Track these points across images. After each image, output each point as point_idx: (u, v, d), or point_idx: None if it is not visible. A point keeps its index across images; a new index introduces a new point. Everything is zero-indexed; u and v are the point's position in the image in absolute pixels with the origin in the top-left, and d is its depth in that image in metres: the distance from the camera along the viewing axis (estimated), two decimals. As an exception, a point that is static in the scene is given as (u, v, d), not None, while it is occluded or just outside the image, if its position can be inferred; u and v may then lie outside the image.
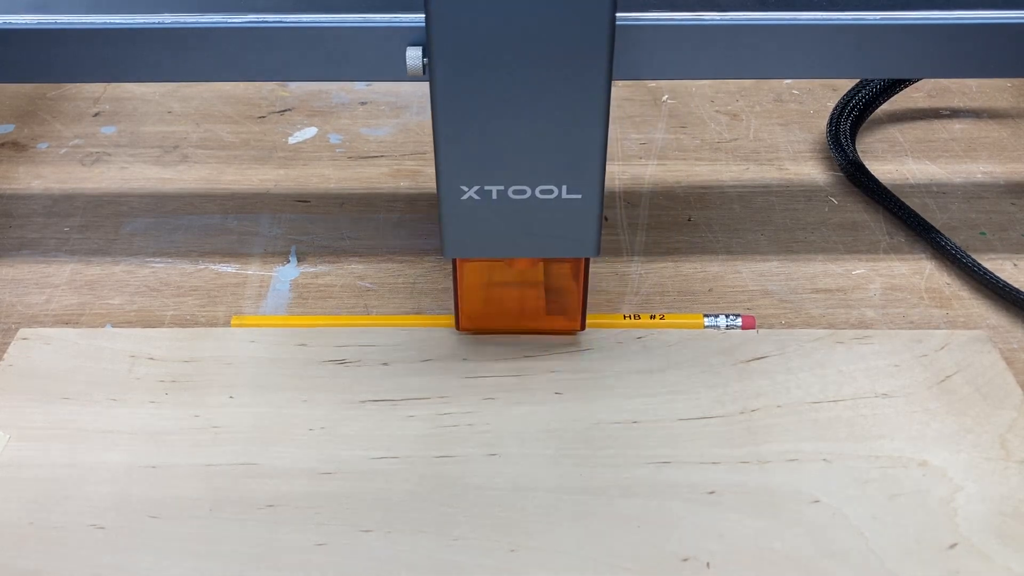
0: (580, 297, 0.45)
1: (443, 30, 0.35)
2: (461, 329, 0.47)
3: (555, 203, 0.40)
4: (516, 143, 0.38)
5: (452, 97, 0.37)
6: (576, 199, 0.40)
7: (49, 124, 0.66)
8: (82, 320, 0.49)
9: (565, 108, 0.37)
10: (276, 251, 0.54)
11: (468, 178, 0.39)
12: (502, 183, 0.39)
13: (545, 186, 0.39)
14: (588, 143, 0.38)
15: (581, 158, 0.39)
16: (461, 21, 0.35)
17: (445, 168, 0.39)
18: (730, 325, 0.47)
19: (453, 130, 0.38)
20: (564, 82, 0.36)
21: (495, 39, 0.35)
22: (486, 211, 0.40)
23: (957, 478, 0.40)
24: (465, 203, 0.40)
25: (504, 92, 0.37)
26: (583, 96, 0.37)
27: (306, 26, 0.42)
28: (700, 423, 0.43)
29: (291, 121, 0.66)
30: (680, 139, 0.64)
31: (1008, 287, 0.49)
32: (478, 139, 0.38)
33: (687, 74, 0.44)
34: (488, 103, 0.37)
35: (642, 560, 0.37)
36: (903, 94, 0.65)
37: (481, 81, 0.36)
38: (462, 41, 0.35)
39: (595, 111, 0.37)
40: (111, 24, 0.42)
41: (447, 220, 0.41)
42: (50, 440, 0.42)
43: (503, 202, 0.40)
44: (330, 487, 0.40)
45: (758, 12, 0.42)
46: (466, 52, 0.36)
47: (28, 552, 0.37)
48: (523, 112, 0.37)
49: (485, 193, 0.40)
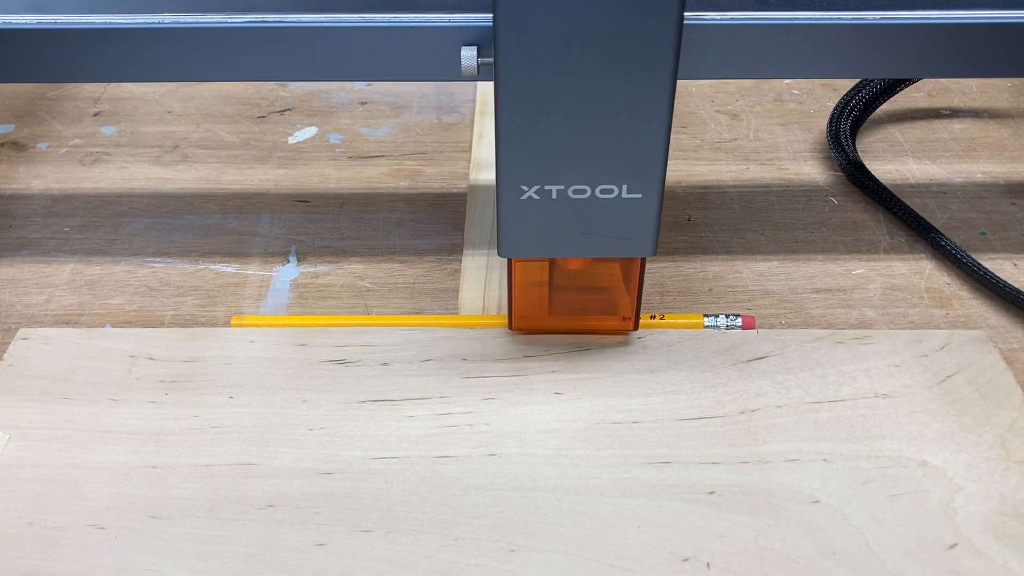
0: (635, 296, 0.45)
1: (510, 29, 0.35)
2: (514, 329, 0.47)
3: (615, 203, 0.40)
4: (579, 143, 0.38)
5: (516, 97, 0.37)
6: (636, 199, 0.40)
7: (49, 124, 0.66)
8: (82, 320, 0.49)
9: (629, 107, 0.37)
10: (276, 251, 0.54)
11: (529, 178, 0.39)
12: (562, 183, 0.39)
13: (606, 185, 0.39)
14: (651, 142, 0.38)
15: (643, 158, 0.38)
16: (528, 20, 0.35)
17: (506, 168, 0.39)
18: (730, 325, 0.47)
19: (515, 130, 0.38)
20: (629, 81, 0.36)
21: (560, 38, 0.35)
22: (545, 211, 0.40)
23: (957, 478, 0.40)
24: (524, 203, 0.40)
25: (568, 92, 0.37)
26: (648, 95, 0.37)
27: (306, 26, 0.42)
28: (700, 423, 0.43)
29: (291, 121, 0.66)
30: (680, 139, 0.64)
31: (1008, 287, 0.49)
32: (540, 139, 0.38)
33: (688, 74, 0.44)
34: (552, 103, 0.37)
35: (642, 560, 0.37)
36: (903, 94, 0.65)
37: (545, 81, 0.36)
38: (528, 40, 0.35)
39: (659, 110, 0.37)
40: (111, 24, 0.42)
41: (505, 219, 0.40)
42: (50, 440, 0.42)
43: (562, 202, 0.40)
44: (330, 487, 0.40)
45: (758, 12, 0.42)
46: (531, 52, 0.35)
47: (28, 552, 0.37)
48: (586, 112, 0.37)
49: (545, 193, 0.39)
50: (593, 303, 0.46)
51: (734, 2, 0.43)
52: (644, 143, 0.38)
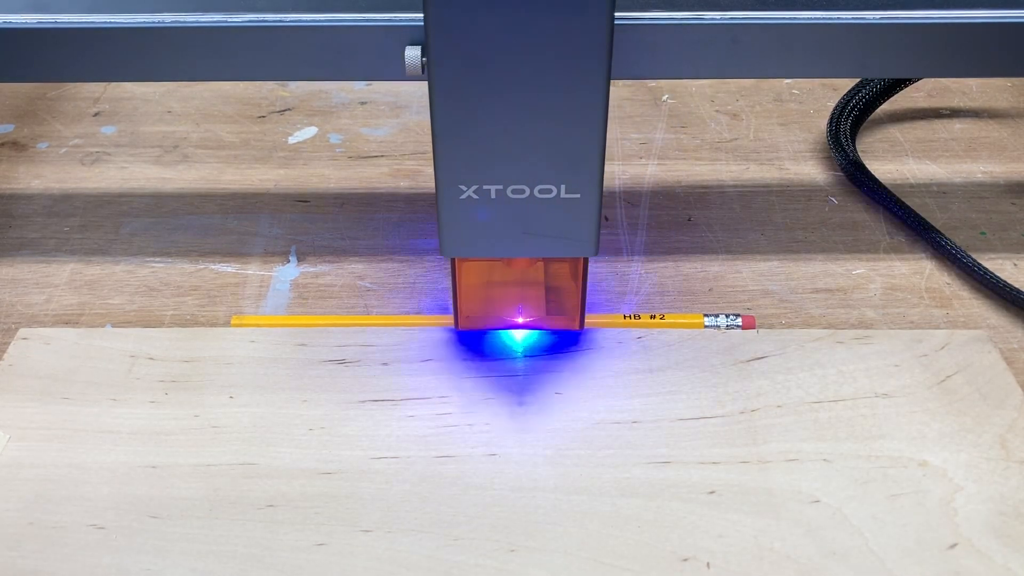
0: (579, 296, 0.45)
1: (441, 29, 0.35)
2: (460, 328, 0.47)
3: (554, 202, 0.40)
4: (515, 142, 0.38)
5: (450, 96, 0.37)
6: (575, 198, 0.40)
7: (49, 124, 0.66)
8: (82, 320, 0.49)
9: (564, 107, 0.37)
10: (276, 251, 0.54)
11: (467, 177, 0.39)
12: (501, 182, 0.39)
13: (544, 185, 0.39)
14: (587, 142, 0.38)
15: (580, 157, 0.39)
16: (459, 20, 0.35)
17: (443, 167, 0.39)
18: (730, 325, 0.47)
19: (452, 129, 0.38)
20: (563, 81, 0.36)
21: (494, 38, 0.35)
22: (484, 210, 0.40)
23: (957, 478, 0.40)
24: (464, 202, 0.40)
25: (503, 91, 0.37)
26: (582, 95, 0.37)
27: (306, 26, 0.42)
28: (700, 423, 0.43)
29: (291, 121, 0.66)
30: (680, 139, 0.64)
31: (1008, 287, 0.49)
32: (477, 138, 0.38)
33: (687, 74, 0.44)
34: (487, 102, 0.37)
35: (642, 560, 0.37)
36: (903, 94, 0.65)
37: (480, 80, 0.36)
38: (460, 40, 0.35)
39: (594, 110, 0.37)
40: (111, 24, 0.42)
41: (445, 219, 0.40)
42: (50, 440, 0.42)
43: (502, 201, 0.40)
44: (330, 487, 0.40)
45: (758, 12, 0.42)
46: (464, 51, 0.36)
47: (27, 552, 0.37)
48: (522, 111, 0.37)
49: (484, 192, 0.40)
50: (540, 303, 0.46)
51: (734, 2, 0.43)
52: (580, 143, 0.38)
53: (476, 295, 0.46)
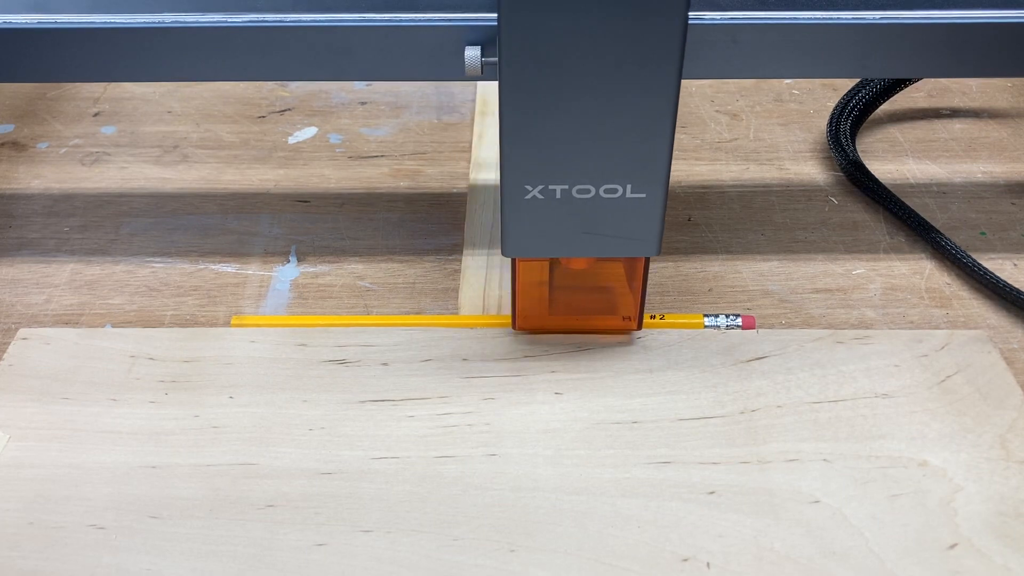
0: (639, 296, 0.45)
1: (514, 29, 0.35)
2: (517, 328, 0.47)
3: (619, 202, 0.40)
4: (583, 142, 0.38)
5: (520, 96, 0.37)
6: (640, 198, 0.40)
7: (49, 124, 0.66)
8: (82, 320, 0.49)
9: (633, 107, 0.37)
10: (276, 251, 0.54)
11: (533, 177, 0.39)
12: (567, 182, 0.39)
13: (610, 185, 0.39)
14: (655, 142, 0.38)
15: (647, 157, 0.38)
16: (532, 20, 0.35)
17: (510, 167, 0.39)
18: (730, 325, 0.47)
19: (520, 129, 0.38)
20: (633, 81, 0.36)
21: (564, 38, 0.35)
22: (548, 210, 0.40)
23: (957, 478, 0.40)
24: (528, 202, 0.40)
25: (572, 91, 0.36)
26: (652, 95, 0.37)
27: (306, 26, 0.42)
28: (700, 423, 0.43)
29: (291, 121, 0.66)
30: (680, 139, 0.64)
31: (1008, 287, 0.49)
32: (544, 138, 0.38)
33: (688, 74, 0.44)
34: (555, 102, 0.37)
35: (642, 560, 0.37)
36: (903, 94, 0.65)
37: (549, 80, 0.36)
38: (532, 40, 0.35)
39: (664, 110, 0.37)
40: (111, 24, 0.42)
41: (509, 219, 0.40)
42: (50, 440, 0.42)
43: (566, 201, 0.40)
44: (330, 487, 0.40)
45: (758, 12, 0.42)
46: (535, 51, 0.35)
47: (27, 552, 0.37)
48: (590, 111, 0.37)
49: (549, 192, 0.39)
50: (596, 303, 0.46)
51: (734, 2, 0.43)
52: (648, 143, 0.38)
53: (534, 295, 0.45)
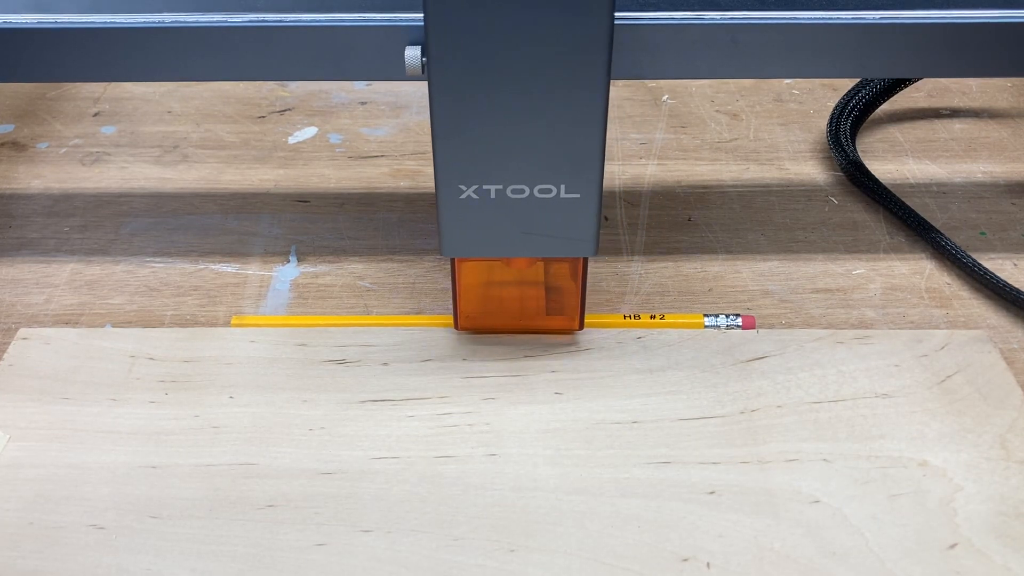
0: (579, 297, 0.45)
1: (441, 28, 0.35)
2: (460, 328, 0.47)
3: (553, 202, 0.40)
4: (515, 142, 0.38)
5: (450, 96, 0.37)
6: (575, 198, 0.40)
7: (49, 124, 0.66)
8: (82, 320, 0.49)
9: (564, 107, 0.37)
10: (276, 251, 0.54)
11: (466, 177, 0.39)
12: (500, 182, 0.39)
13: (544, 185, 0.39)
14: (587, 142, 0.38)
15: (580, 157, 0.39)
16: (459, 20, 0.35)
17: (443, 167, 0.39)
18: (730, 325, 0.47)
19: (451, 129, 0.38)
20: (563, 81, 0.36)
21: (493, 38, 0.35)
22: (484, 210, 0.40)
23: (957, 478, 0.40)
24: (463, 202, 0.40)
25: (502, 91, 0.37)
26: (582, 95, 0.37)
27: (306, 26, 0.42)
28: (700, 423, 0.43)
29: (291, 121, 0.66)
30: (680, 139, 0.64)
31: (1008, 287, 0.49)
32: (476, 138, 0.38)
33: (687, 74, 0.44)
34: (486, 102, 0.37)
35: (642, 560, 0.37)
36: (903, 94, 0.65)
37: (479, 80, 0.36)
38: (460, 40, 0.35)
39: (594, 110, 0.37)
40: (111, 24, 0.42)
41: (445, 219, 0.40)
42: (50, 440, 0.42)
43: (501, 201, 0.40)
44: (330, 487, 0.40)
45: (758, 12, 0.42)
46: (464, 51, 0.36)
47: (27, 552, 0.37)
48: (522, 111, 0.37)
49: (483, 192, 0.40)
50: (538, 303, 0.46)
51: (734, 2, 0.43)
52: (580, 143, 0.38)
53: (476, 295, 0.46)
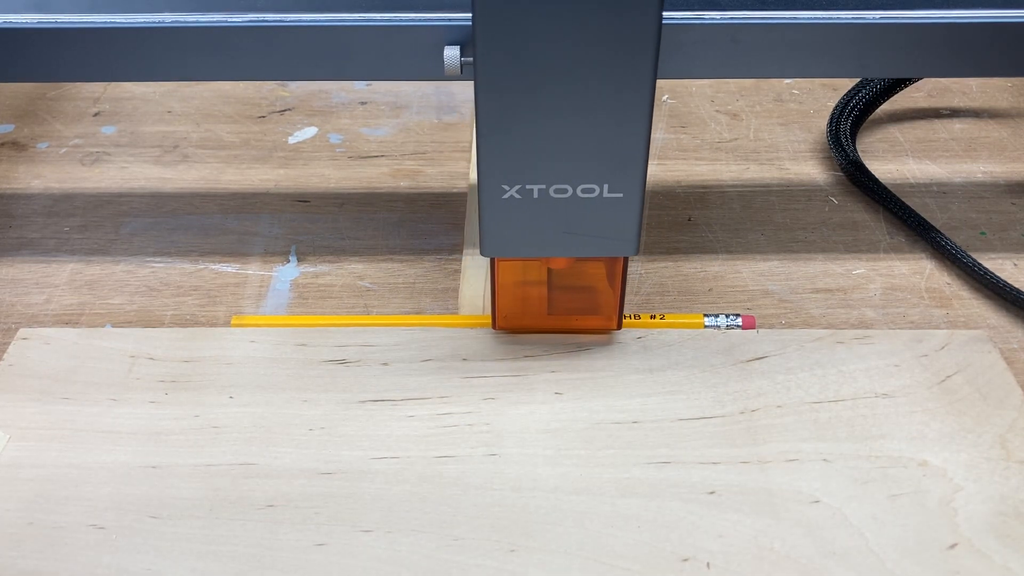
0: (617, 296, 0.45)
1: (489, 28, 0.35)
2: (498, 328, 0.47)
3: (596, 202, 0.40)
4: (559, 142, 0.38)
5: (496, 96, 0.37)
6: (617, 198, 0.40)
7: (49, 124, 0.66)
8: (82, 320, 0.49)
9: (609, 107, 0.37)
10: (276, 251, 0.54)
11: (510, 177, 0.39)
12: (544, 182, 0.39)
13: (587, 185, 0.39)
14: (632, 141, 0.38)
15: (624, 156, 0.38)
16: (507, 19, 0.35)
17: (487, 167, 0.39)
18: (730, 325, 0.47)
19: (496, 128, 0.38)
20: (609, 81, 0.36)
21: (540, 37, 0.35)
22: (526, 210, 0.40)
23: (957, 478, 0.40)
24: (505, 202, 0.40)
25: (548, 91, 0.36)
26: (628, 94, 0.37)
27: (306, 26, 0.42)
28: (700, 423, 0.43)
29: (291, 121, 0.66)
30: (680, 139, 0.64)
31: (1008, 287, 0.49)
32: (521, 138, 0.38)
33: (688, 74, 0.44)
34: (532, 102, 0.37)
35: (642, 560, 0.37)
36: (903, 94, 0.65)
37: (525, 80, 0.36)
38: (507, 39, 0.35)
39: (640, 109, 0.37)
40: (111, 24, 0.42)
41: (487, 219, 0.40)
42: (50, 440, 0.42)
43: (544, 201, 0.40)
44: (330, 487, 0.40)
45: (758, 12, 0.42)
46: (511, 51, 0.35)
47: (27, 552, 0.37)
48: (567, 110, 0.37)
49: (526, 192, 0.39)
50: (577, 302, 0.46)
51: (734, 2, 0.43)
52: (624, 142, 0.38)
53: (513, 295, 0.45)
